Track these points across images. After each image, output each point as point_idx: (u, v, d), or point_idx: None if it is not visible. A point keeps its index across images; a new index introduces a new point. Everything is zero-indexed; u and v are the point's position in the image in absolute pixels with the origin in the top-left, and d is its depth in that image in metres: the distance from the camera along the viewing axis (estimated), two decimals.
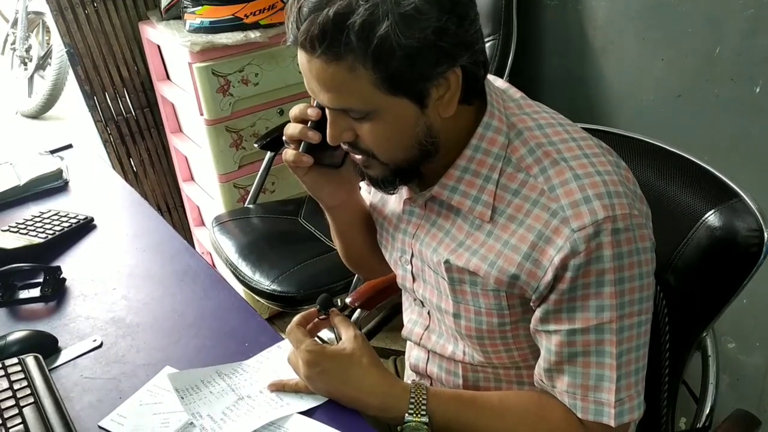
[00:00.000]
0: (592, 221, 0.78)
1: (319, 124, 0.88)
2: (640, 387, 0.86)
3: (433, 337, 1.04)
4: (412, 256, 0.99)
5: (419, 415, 0.86)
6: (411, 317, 1.09)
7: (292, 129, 0.91)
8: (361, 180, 0.94)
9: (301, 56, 0.79)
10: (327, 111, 0.84)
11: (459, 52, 0.78)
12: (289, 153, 0.93)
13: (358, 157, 0.88)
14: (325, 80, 0.78)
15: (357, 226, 1.09)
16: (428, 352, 1.06)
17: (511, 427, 0.89)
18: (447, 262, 0.90)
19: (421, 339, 1.06)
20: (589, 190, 0.80)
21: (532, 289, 0.84)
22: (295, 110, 0.92)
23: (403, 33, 0.73)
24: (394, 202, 1.02)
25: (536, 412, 0.89)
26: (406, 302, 1.12)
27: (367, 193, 1.09)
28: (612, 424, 0.84)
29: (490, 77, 0.91)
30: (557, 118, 0.89)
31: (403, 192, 0.96)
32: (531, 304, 0.86)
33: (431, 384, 1.08)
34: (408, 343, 1.13)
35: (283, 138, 0.94)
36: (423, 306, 1.04)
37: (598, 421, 0.84)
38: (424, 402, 0.87)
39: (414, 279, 1.01)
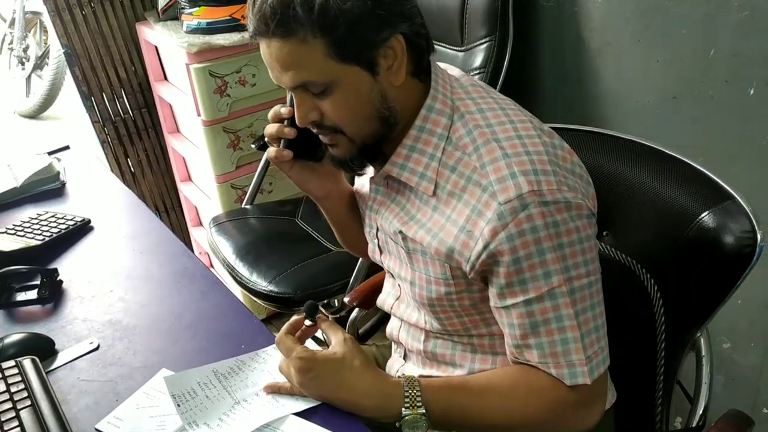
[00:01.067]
0: (517, 194, 0.83)
1: (294, 121, 0.95)
2: (603, 342, 0.90)
3: (402, 306, 1.11)
4: (377, 230, 1.06)
5: (416, 408, 0.88)
6: (386, 288, 1.17)
7: (270, 128, 1.01)
8: (335, 167, 1.01)
9: (262, 45, 0.87)
10: (293, 96, 0.91)
11: (397, 20, 0.86)
12: (271, 150, 1.02)
13: (327, 138, 0.95)
14: (283, 59, 0.85)
15: (347, 212, 1.17)
16: (400, 320, 1.13)
17: (504, 403, 0.92)
18: (400, 232, 0.97)
19: (392, 308, 1.14)
20: (515, 167, 0.85)
21: (465, 260, 0.89)
22: (270, 112, 1.01)
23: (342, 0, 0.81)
24: (369, 184, 1.08)
25: (525, 384, 0.91)
26: (387, 275, 1.18)
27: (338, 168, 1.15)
28: (588, 382, 0.88)
29: (446, 66, 0.99)
30: (502, 103, 0.95)
31: (371, 172, 1.04)
32: (468, 277, 0.91)
33: (405, 352, 1.14)
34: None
35: (265, 139, 1.04)
36: (393, 278, 1.11)
37: (575, 382, 0.88)
38: (418, 394, 0.89)
39: (381, 251, 1.09)
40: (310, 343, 0.99)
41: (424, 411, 0.88)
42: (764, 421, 1.65)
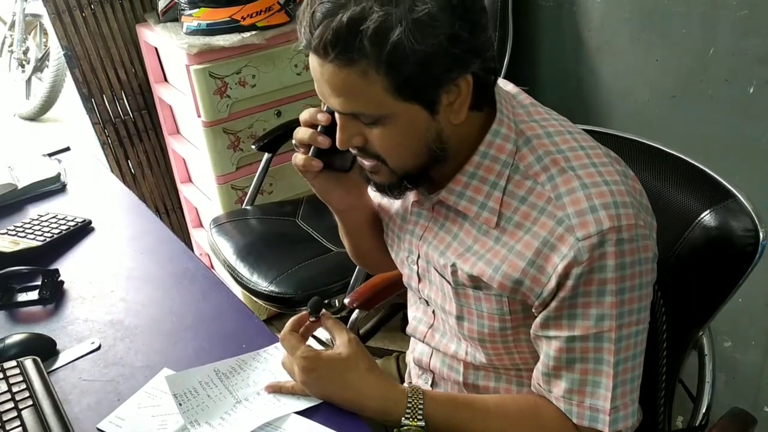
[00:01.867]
0: (597, 231, 0.79)
1: (329, 129, 0.88)
2: (635, 395, 0.87)
3: (437, 336, 1.05)
4: (419, 257, 0.99)
5: (416, 419, 0.87)
6: (416, 315, 1.10)
7: (302, 133, 0.92)
8: (367, 185, 0.95)
9: (313, 60, 0.79)
10: (337, 115, 0.85)
11: (470, 58, 0.78)
12: (299, 157, 0.94)
13: (367, 162, 0.88)
14: (336, 84, 0.78)
15: (365, 228, 1.10)
16: (432, 348, 1.07)
17: (507, 430, 0.90)
18: (453, 265, 0.91)
19: (425, 337, 1.07)
20: (595, 199, 0.80)
21: (535, 296, 0.85)
22: (305, 114, 0.92)
23: (416, 39, 0.73)
24: (401, 202, 1.02)
25: (532, 416, 0.90)
26: (412, 299, 1.12)
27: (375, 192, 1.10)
28: (606, 430, 0.85)
29: (500, 81, 0.91)
30: (566, 126, 0.89)
31: (411, 194, 0.97)
32: (533, 310, 0.87)
33: (433, 378, 1.09)
34: (412, 338, 1.14)
35: (293, 142, 0.95)
36: (428, 305, 1.05)
37: (593, 426, 0.86)
38: (420, 407, 0.88)
39: (420, 279, 1.02)
40: (312, 343, 0.98)
41: (423, 424, 0.87)
42: (766, 420, 1.65)
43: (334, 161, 0.94)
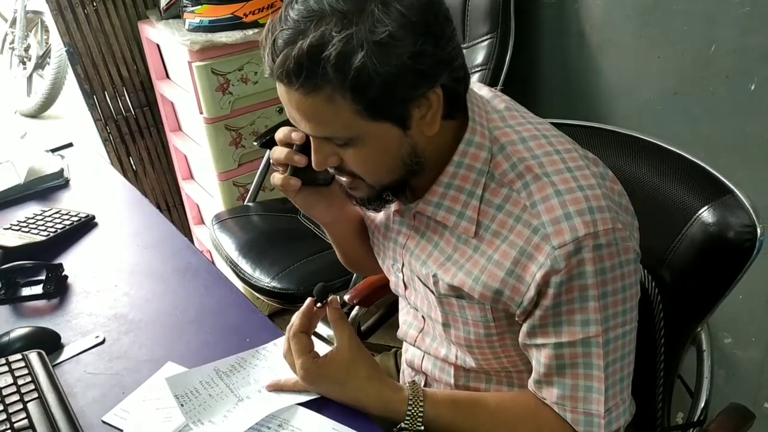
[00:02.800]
0: (573, 238, 0.79)
1: (305, 146, 0.88)
2: (625, 394, 0.88)
3: (427, 340, 1.06)
4: (403, 265, 1.00)
5: (415, 426, 0.88)
6: (406, 319, 1.11)
7: (278, 153, 0.92)
8: (351, 202, 0.95)
9: (280, 87, 0.79)
10: (311, 137, 0.84)
11: (438, 71, 0.77)
12: (276, 177, 0.94)
13: (344, 179, 0.88)
14: (305, 111, 0.78)
15: (352, 236, 1.11)
16: (423, 351, 1.08)
17: (507, 431, 0.91)
18: (435, 275, 0.91)
19: (415, 341, 1.08)
20: (570, 206, 0.80)
21: (516, 305, 0.85)
22: (279, 134, 0.91)
23: (379, 61, 0.72)
24: (383, 211, 1.02)
25: (532, 417, 0.90)
26: (402, 303, 1.13)
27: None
28: None
29: (475, 86, 0.91)
30: (542, 129, 0.88)
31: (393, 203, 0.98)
32: (516, 318, 0.87)
33: (426, 379, 1.10)
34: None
35: (271, 162, 0.95)
36: (417, 310, 1.05)
37: (589, 431, 0.86)
38: (420, 412, 0.89)
39: (406, 287, 1.03)
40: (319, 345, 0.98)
41: (422, 429, 0.88)
42: (765, 416, 1.66)
43: (313, 177, 0.94)
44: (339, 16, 0.72)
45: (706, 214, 0.99)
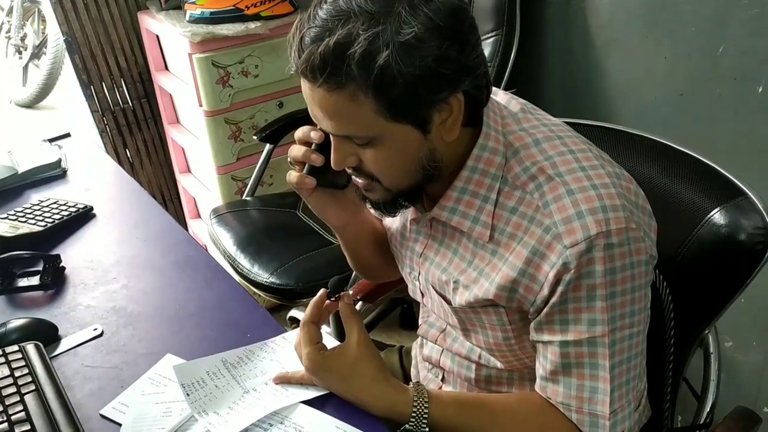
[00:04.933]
0: (585, 237, 0.78)
1: (323, 146, 0.88)
2: (631, 396, 0.87)
3: (449, 340, 1.05)
4: (419, 274, 1.00)
5: (421, 426, 0.87)
6: (428, 320, 1.11)
7: (296, 151, 0.92)
8: (366, 205, 0.94)
9: (304, 84, 0.80)
10: (331, 136, 0.84)
11: (460, 77, 0.78)
12: (292, 175, 0.94)
13: (361, 181, 0.88)
14: (327, 108, 0.79)
15: (363, 243, 1.10)
16: (444, 348, 1.07)
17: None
18: (456, 282, 0.91)
19: (437, 340, 1.08)
20: (582, 205, 0.80)
21: (529, 303, 0.85)
22: (299, 132, 0.92)
23: (403, 62, 0.73)
24: (399, 218, 1.02)
25: (538, 418, 0.89)
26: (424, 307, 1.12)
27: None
28: None
29: (493, 91, 0.91)
30: (556, 130, 0.88)
31: (409, 211, 0.97)
32: (529, 317, 0.87)
33: (443, 374, 1.09)
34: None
35: (288, 160, 0.95)
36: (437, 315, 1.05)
37: None
38: (425, 414, 0.88)
39: (423, 294, 1.04)
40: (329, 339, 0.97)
41: (427, 430, 0.87)
42: (766, 420, 1.65)
43: (329, 178, 0.93)
44: (367, 16, 0.73)
45: (718, 216, 0.98)
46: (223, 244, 1.87)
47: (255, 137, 2.06)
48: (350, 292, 1.41)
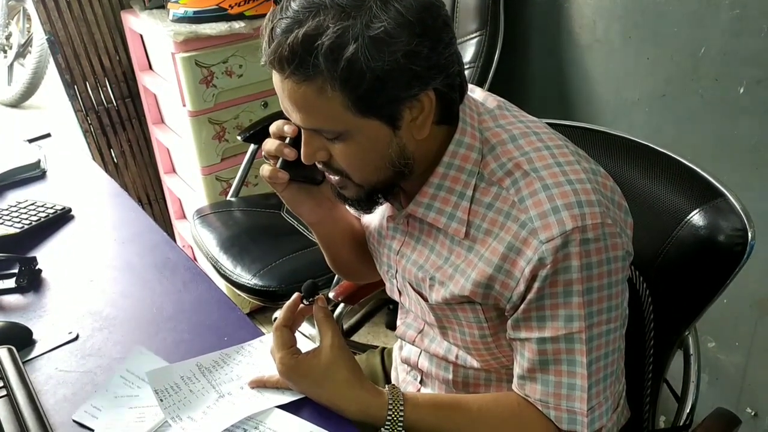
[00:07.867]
0: (561, 232, 0.78)
1: (297, 141, 0.88)
2: (608, 392, 0.87)
3: (426, 340, 1.05)
4: (396, 271, 0.99)
5: (396, 429, 0.87)
6: (405, 320, 1.10)
7: (269, 145, 0.92)
8: (340, 202, 0.94)
9: (275, 76, 0.80)
10: (302, 130, 0.84)
11: (432, 75, 0.78)
12: (265, 168, 0.94)
13: (334, 177, 0.88)
14: (296, 100, 0.78)
15: (339, 240, 1.09)
16: (421, 350, 1.07)
17: None
18: (432, 278, 0.91)
19: (414, 341, 1.07)
20: (558, 200, 0.80)
21: (505, 299, 0.85)
22: (273, 126, 0.92)
23: (372, 56, 0.73)
24: (377, 216, 1.02)
25: (516, 419, 0.89)
26: (401, 305, 1.11)
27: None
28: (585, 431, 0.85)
29: (469, 88, 0.90)
30: (533, 127, 0.88)
31: (386, 208, 0.97)
32: (506, 314, 0.87)
33: (422, 376, 1.09)
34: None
35: (262, 154, 0.95)
36: (415, 314, 1.05)
37: (572, 429, 0.86)
38: (400, 418, 0.88)
39: (400, 293, 1.03)
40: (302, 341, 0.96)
41: None
42: (748, 421, 1.66)
43: (303, 173, 0.93)
44: (338, 9, 0.73)
45: (697, 218, 0.98)
46: (206, 245, 1.86)
47: (239, 137, 2.05)
48: (331, 295, 1.42)
